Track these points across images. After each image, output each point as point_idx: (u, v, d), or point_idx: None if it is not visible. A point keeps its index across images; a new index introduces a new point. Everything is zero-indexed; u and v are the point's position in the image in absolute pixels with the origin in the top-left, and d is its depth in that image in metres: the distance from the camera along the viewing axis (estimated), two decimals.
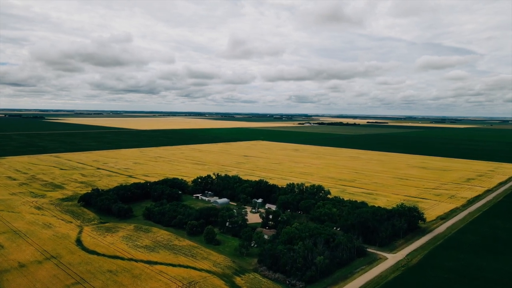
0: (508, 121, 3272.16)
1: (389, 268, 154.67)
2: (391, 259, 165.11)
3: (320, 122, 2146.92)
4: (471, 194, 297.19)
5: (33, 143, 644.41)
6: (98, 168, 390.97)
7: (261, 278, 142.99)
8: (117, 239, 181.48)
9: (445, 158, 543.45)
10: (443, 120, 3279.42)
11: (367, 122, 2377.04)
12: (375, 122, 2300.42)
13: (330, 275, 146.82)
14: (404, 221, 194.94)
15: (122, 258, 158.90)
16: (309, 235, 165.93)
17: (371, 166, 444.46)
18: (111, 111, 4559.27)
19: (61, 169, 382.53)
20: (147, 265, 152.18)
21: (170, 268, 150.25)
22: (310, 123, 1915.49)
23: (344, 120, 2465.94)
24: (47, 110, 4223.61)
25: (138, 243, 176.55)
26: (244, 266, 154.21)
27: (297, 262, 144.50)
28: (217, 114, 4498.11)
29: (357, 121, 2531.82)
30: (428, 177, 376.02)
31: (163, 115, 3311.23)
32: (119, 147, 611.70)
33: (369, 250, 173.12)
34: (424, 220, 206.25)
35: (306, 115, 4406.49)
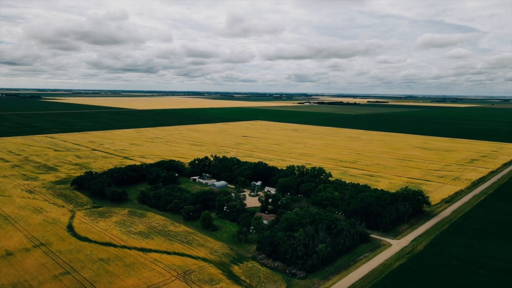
0: (509, 100, 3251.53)
1: (393, 256, 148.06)
2: (396, 245, 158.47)
3: (320, 101, 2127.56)
4: (475, 176, 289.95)
5: (28, 123, 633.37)
6: (94, 150, 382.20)
7: (259, 267, 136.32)
8: (110, 225, 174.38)
9: (448, 138, 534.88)
10: (443, 99, 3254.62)
11: (367, 101, 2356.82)
12: (376, 102, 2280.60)
13: (332, 263, 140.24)
14: (409, 205, 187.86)
15: (115, 246, 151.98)
16: (310, 221, 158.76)
17: (372, 147, 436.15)
18: (109, 91, 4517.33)
19: (56, 150, 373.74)
20: (140, 253, 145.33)
21: (165, 256, 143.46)
22: (309, 103, 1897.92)
23: (344, 100, 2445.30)
24: (44, 90, 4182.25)
25: (132, 229, 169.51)
26: (242, 254, 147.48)
27: (297, 250, 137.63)
28: (216, 93, 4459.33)
29: (357, 100, 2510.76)
30: (431, 158, 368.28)
31: (161, 95, 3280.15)
32: (116, 127, 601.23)
33: (372, 236, 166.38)
34: (429, 204, 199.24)
35: (305, 95, 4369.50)
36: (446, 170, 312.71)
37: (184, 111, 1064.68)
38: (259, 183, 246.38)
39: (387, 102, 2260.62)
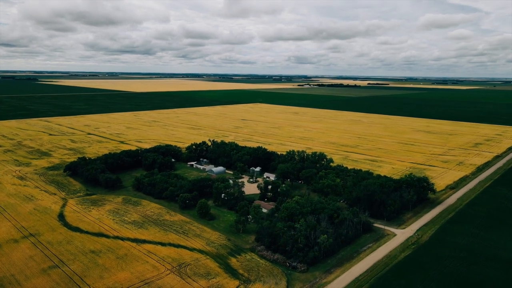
0: (510, 82, 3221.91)
1: (398, 246, 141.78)
2: (400, 235, 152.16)
3: (320, 83, 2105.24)
4: (480, 161, 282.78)
5: (23, 106, 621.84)
6: (89, 134, 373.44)
7: (258, 260, 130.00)
8: (103, 214, 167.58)
9: (450, 121, 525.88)
10: (444, 81, 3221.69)
11: (368, 83, 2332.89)
12: (376, 84, 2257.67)
13: (334, 254, 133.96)
14: (413, 193, 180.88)
15: (107, 236, 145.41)
16: (312, 210, 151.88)
17: (373, 130, 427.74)
18: (107, 73, 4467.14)
19: (50, 134, 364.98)
20: (134, 244, 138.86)
21: (159, 247, 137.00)
22: (309, 85, 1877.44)
23: (344, 82, 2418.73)
24: (41, 72, 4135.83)
25: (126, 218, 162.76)
26: (240, 245, 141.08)
27: (298, 242, 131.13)
28: (215, 75, 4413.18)
29: (358, 82, 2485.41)
30: (434, 142, 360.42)
31: (160, 77, 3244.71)
32: (113, 110, 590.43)
33: (375, 225, 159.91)
34: (434, 191, 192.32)
35: (305, 77, 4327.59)
36: (449, 154, 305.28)
37: (182, 94, 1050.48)
38: (258, 169, 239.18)
39: (388, 84, 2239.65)
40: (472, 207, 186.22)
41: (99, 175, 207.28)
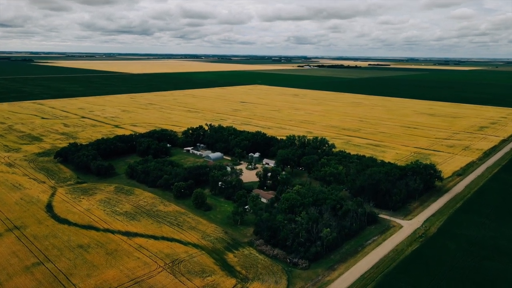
0: None
1: (405, 240, 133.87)
2: (407, 227, 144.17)
3: (320, 64, 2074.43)
4: (486, 145, 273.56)
5: (17, 88, 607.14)
6: (83, 117, 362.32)
7: (257, 255, 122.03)
8: (93, 204, 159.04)
9: (454, 103, 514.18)
10: (446, 62, 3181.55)
11: (368, 64, 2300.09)
12: (377, 65, 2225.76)
13: (337, 249, 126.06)
14: (420, 181, 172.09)
15: (97, 229, 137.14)
16: (313, 201, 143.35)
17: (375, 113, 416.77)
18: (104, 54, 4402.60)
19: (43, 118, 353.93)
20: (124, 238, 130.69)
21: (151, 241, 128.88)
22: (309, 66, 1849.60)
23: (345, 63, 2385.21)
24: (37, 53, 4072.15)
25: (117, 209, 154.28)
26: (237, 238, 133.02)
27: (299, 236, 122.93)
28: (213, 56, 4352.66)
29: (358, 63, 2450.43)
30: (438, 125, 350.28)
31: (158, 58, 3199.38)
32: (108, 92, 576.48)
33: (380, 216, 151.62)
34: (441, 179, 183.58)
35: (305, 57, 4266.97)
36: (455, 138, 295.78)
37: (180, 75, 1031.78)
38: (257, 154, 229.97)
39: (389, 65, 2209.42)
40: (481, 195, 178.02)
41: (90, 162, 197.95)
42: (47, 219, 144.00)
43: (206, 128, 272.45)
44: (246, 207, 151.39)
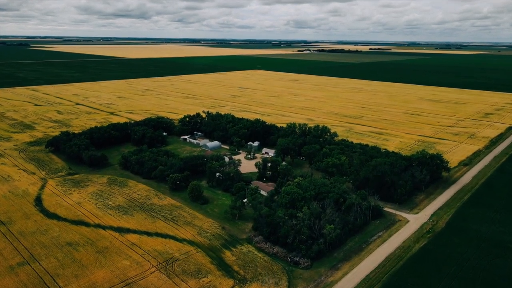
0: None
1: (412, 236, 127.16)
2: (413, 221, 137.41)
3: (320, 49, 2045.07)
4: (492, 133, 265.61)
5: (11, 74, 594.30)
6: (77, 104, 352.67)
7: (256, 253, 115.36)
8: (85, 197, 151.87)
9: (457, 89, 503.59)
10: (448, 46, 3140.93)
11: (369, 49, 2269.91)
12: (378, 49, 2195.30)
13: (341, 246, 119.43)
14: (426, 172, 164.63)
15: (88, 224, 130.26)
16: (315, 195, 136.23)
17: (378, 99, 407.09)
18: (102, 38, 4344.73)
19: (36, 105, 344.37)
20: (116, 234, 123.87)
21: (145, 238, 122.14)
22: (309, 50, 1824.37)
23: (345, 47, 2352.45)
24: (34, 37, 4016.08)
25: (110, 202, 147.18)
26: (235, 235, 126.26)
27: (301, 233, 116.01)
28: (212, 40, 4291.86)
29: (359, 47, 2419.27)
30: (442, 112, 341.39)
31: (156, 42, 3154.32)
32: (105, 78, 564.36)
33: (385, 209, 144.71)
34: (448, 170, 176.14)
35: (305, 42, 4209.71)
36: (459, 126, 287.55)
37: (178, 60, 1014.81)
38: (256, 143, 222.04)
39: (390, 49, 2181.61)
40: (489, 187, 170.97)
41: (82, 152, 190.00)
42: (35, 214, 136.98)
43: (204, 115, 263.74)
44: (245, 200, 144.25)
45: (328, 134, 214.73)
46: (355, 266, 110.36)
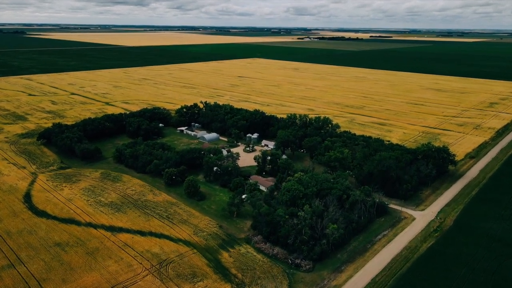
0: None
1: (418, 235, 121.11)
2: (420, 218, 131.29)
3: (321, 36, 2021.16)
4: (498, 124, 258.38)
5: (5, 62, 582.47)
6: (72, 94, 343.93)
7: (255, 254, 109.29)
8: (76, 193, 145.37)
9: (460, 77, 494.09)
10: (449, 33, 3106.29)
11: (370, 36, 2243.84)
12: (379, 36, 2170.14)
13: (344, 246, 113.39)
14: (432, 166, 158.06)
15: (78, 223, 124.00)
16: (317, 191, 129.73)
17: (380, 89, 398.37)
18: (99, 26, 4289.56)
19: (30, 94, 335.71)
20: (108, 234, 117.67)
21: (138, 238, 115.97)
22: (309, 38, 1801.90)
23: (346, 35, 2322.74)
24: (30, 25, 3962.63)
25: (102, 199, 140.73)
26: (233, 234, 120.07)
27: (302, 233, 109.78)
28: (211, 28, 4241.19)
29: (359, 35, 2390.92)
30: (446, 101, 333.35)
31: (154, 30, 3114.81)
32: (101, 67, 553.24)
33: (390, 205, 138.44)
34: (455, 163, 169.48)
35: (305, 29, 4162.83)
36: (464, 116, 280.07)
37: (176, 48, 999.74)
38: (255, 135, 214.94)
39: (391, 37, 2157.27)
40: (497, 181, 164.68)
41: (75, 145, 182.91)
42: (24, 212, 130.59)
43: (202, 106, 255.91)
44: (243, 196, 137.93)
45: (330, 125, 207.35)
46: (359, 268, 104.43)
